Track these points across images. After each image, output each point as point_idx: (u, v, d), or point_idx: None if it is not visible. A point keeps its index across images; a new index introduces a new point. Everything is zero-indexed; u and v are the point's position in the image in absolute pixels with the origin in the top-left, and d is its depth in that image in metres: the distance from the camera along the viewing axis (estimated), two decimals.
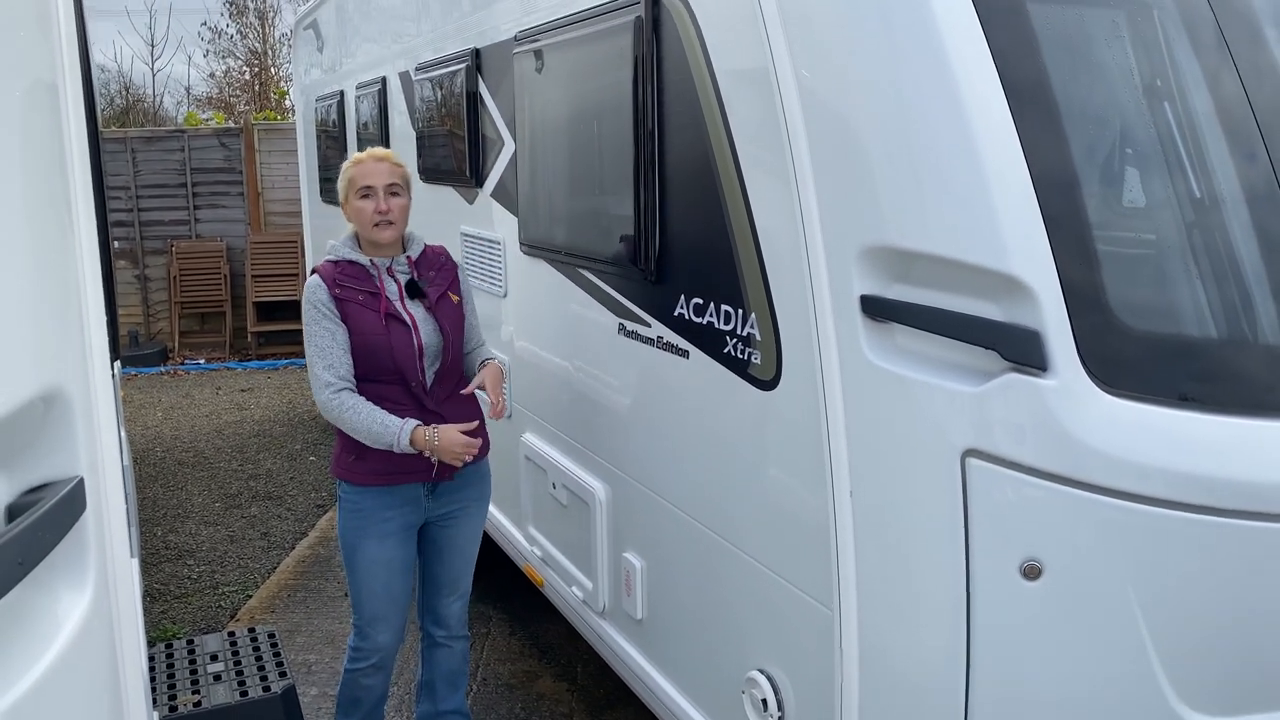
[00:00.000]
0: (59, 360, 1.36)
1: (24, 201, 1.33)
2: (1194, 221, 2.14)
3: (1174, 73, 2.21)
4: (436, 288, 3.26)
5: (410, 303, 3.21)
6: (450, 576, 3.46)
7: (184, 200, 11.69)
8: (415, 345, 3.16)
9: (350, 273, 3.19)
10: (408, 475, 3.20)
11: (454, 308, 3.29)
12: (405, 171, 3.28)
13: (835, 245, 2.19)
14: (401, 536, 3.29)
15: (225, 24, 20.42)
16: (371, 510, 3.24)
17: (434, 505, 3.31)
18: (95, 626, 1.40)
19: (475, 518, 3.44)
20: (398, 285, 3.22)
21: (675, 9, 2.73)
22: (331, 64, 7.53)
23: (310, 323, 3.14)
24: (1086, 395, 1.97)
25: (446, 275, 3.32)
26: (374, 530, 3.24)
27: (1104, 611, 2.03)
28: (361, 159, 3.24)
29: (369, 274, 3.19)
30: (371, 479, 3.21)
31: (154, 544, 6.05)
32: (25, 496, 1.29)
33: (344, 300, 3.14)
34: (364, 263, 3.20)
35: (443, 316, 3.22)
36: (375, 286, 3.18)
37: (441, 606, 3.49)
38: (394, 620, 3.34)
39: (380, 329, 3.12)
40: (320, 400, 3.12)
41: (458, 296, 3.32)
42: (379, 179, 3.18)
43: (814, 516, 2.34)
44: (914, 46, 2.08)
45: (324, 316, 3.12)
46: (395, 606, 3.33)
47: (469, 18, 4.39)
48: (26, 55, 1.40)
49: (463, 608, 3.54)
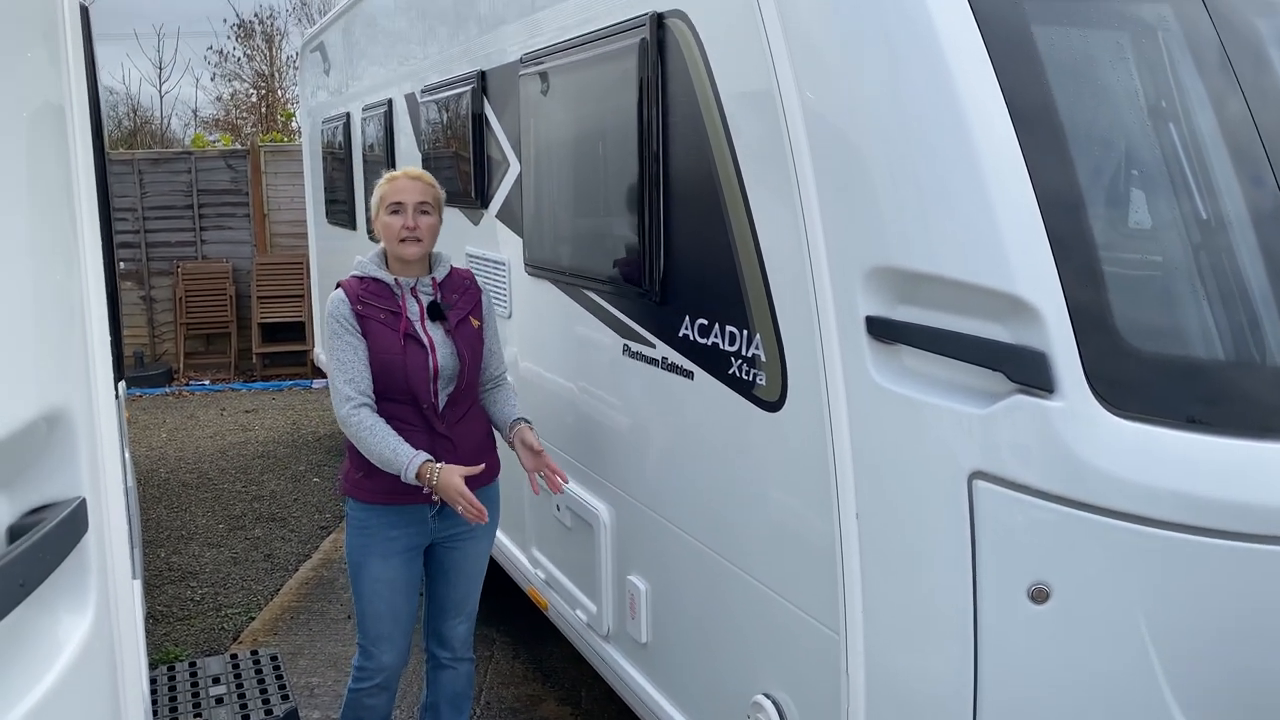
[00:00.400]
0: (62, 381, 1.36)
1: (29, 222, 1.34)
2: (1200, 243, 2.13)
3: (1179, 94, 2.21)
4: (458, 311, 3.27)
5: (430, 324, 3.21)
6: (456, 598, 3.45)
7: (190, 221, 11.73)
8: (430, 367, 3.16)
9: (374, 290, 3.20)
10: (414, 496, 3.19)
11: (474, 332, 3.29)
12: (439, 193, 3.30)
13: (840, 266, 2.19)
14: (407, 556, 3.28)
15: (233, 47, 20.57)
16: (377, 528, 3.24)
17: (440, 526, 3.30)
18: (96, 648, 1.39)
19: (482, 541, 3.42)
20: (420, 306, 3.22)
21: (680, 31, 2.74)
22: (338, 86, 7.57)
23: (332, 336, 3.15)
24: (1093, 417, 1.96)
25: (470, 299, 3.32)
26: (379, 549, 3.24)
27: (1112, 635, 2.01)
28: (396, 176, 3.27)
29: (392, 293, 3.21)
30: (378, 497, 3.21)
31: (157, 565, 6.03)
32: (27, 517, 1.28)
33: (365, 317, 3.15)
34: (388, 281, 3.21)
35: (461, 341, 3.22)
36: (397, 305, 3.19)
37: (447, 628, 3.48)
38: (398, 640, 3.33)
39: (397, 349, 3.13)
40: (339, 415, 3.14)
41: (478, 321, 3.32)
42: (410, 196, 3.20)
43: (820, 539, 2.33)
44: (918, 67, 2.08)
45: (346, 330, 3.13)
46: (399, 627, 3.32)
47: (475, 40, 4.41)
48: (34, 77, 1.41)
49: (468, 630, 3.52)
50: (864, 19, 2.17)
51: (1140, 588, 1.99)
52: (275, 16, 20.91)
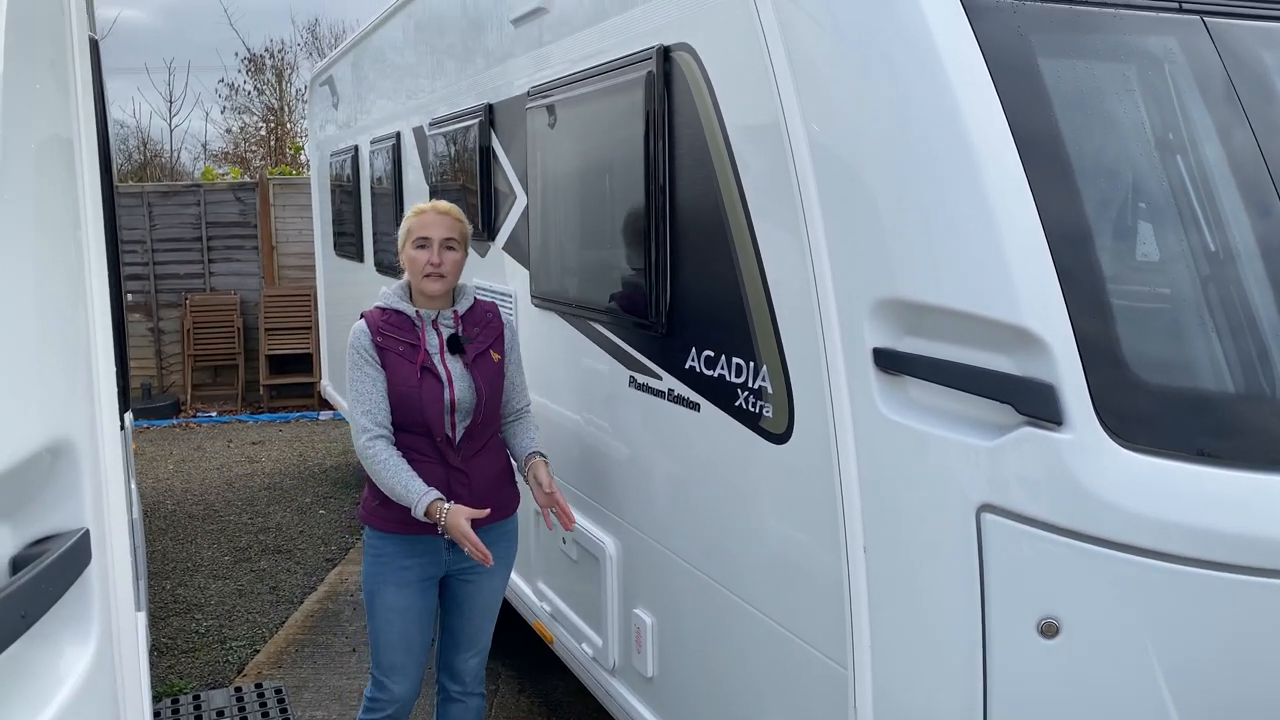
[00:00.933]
0: (66, 411, 1.36)
1: (35, 253, 1.34)
2: (1209, 274, 2.13)
3: (1186, 125, 2.22)
4: (478, 345, 3.27)
5: (450, 357, 3.22)
6: (469, 632, 3.43)
7: (199, 254, 11.78)
8: (445, 400, 3.16)
9: (395, 322, 3.23)
10: (429, 527, 3.18)
11: (493, 366, 3.28)
12: (466, 229, 3.31)
13: (847, 298, 2.18)
14: (420, 587, 3.28)
15: (243, 81, 20.74)
16: (392, 557, 3.25)
17: (454, 559, 3.30)
18: (98, 681, 1.38)
19: (497, 577, 3.40)
20: (440, 338, 3.23)
21: (686, 64, 2.75)
22: (346, 120, 7.62)
23: (353, 367, 3.19)
24: (1102, 450, 1.94)
25: (491, 333, 3.32)
26: (393, 578, 3.25)
27: (1123, 670, 1.99)
28: (424, 210, 3.27)
29: (413, 325, 3.23)
30: (394, 526, 3.22)
31: (163, 597, 6.01)
32: (30, 548, 1.28)
33: (384, 349, 3.18)
34: (409, 313, 3.23)
35: (479, 374, 3.22)
36: (416, 338, 3.20)
37: (458, 662, 3.46)
38: (411, 672, 3.32)
39: (414, 381, 3.15)
40: (356, 446, 3.17)
41: (499, 355, 3.32)
42: (437, 231, 3.21)
43: (827, 572, 2.31)
44: (925, 99, 2.09)
45: (365, 362, 3.17)
46: (412, 657, 3.31)
47: (483, 74, 4.44)
48: (43, 110, 1.41)
49: (479, 665, 3.51)
50: (870, 51, 2.18)
51: (1150, 622, 1.97)
52: (285, 50, 21.06)
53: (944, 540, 2.05)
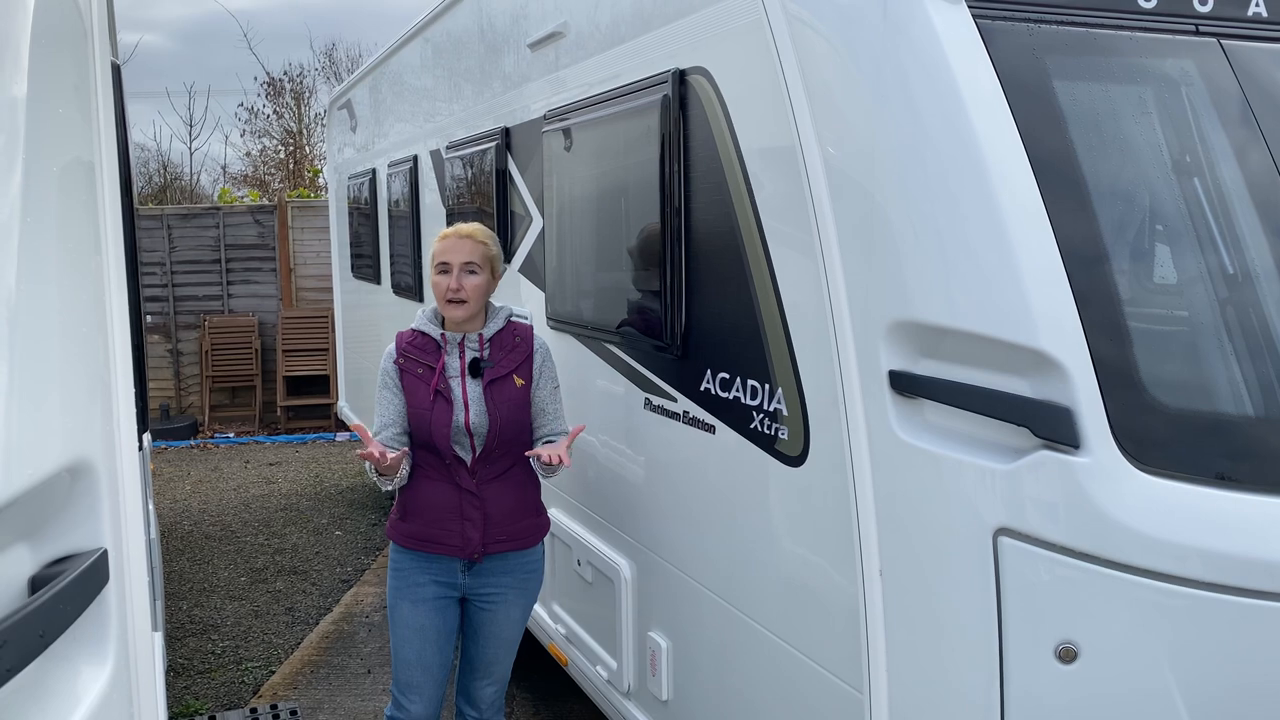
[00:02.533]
0: (86, 432, 1.37)
1: (58, 275, 1.35)
2: (1227, 297, 2.12)
3: (1203, 148, 2.21)
4: (500, 369, 3.23)
5: (471, 381, 3.21)
6: (485, 659, 3.40)
7: (218, 276, 11.85)
8: (456, 424, 3.16)
9: (419, 344, 3.26)
10: (441, 546, 3.21)
11: (514, 391, 3.23)
12: (491, 250, 3.25)
13: (862, 320, 2.18)
14: (437, 605, 3.27)
15: (262, 104, 20.91)
16: (409, 572, 3.28)
17: (471, 583, 3.29)
18: (115, 701, 1.38)
19: (515, 605, 3.35)
20: (462, 361, 3.24)
21: (702, 87, 2.76)
22: (364, 143, 7.67)
23: (377, 388, 3.28)
24: (1120, 473, 1.93)
25: (517, 357, 3.26)
26: (409, 593, 3.27)
27: (1142, 695, 1.97)
28: (448, 234, 3.27)
29: (437, 346, 3.25)
30: (410, 542, 3.26)
31: (179, 618, 6.02)
32: (49, 568, 1.28)
33: (405, 371, 3.23)
34: (434, 335, 3.25)
35: (495, 399, 3.19)
36: (435, 361, 3.22)
37: (475, 688, 3.45)
38: (428, 690, 3.30)
39: (426, 403, 3.17)
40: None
41: (524, 380, 3.26)
42: (457, 256, 3.19)
43: (843, 596, 2.30)
44: (940, 122, 2.09)
45: (384, 385, 3.25)
46: (429, 677, 3.29)
47: (499, 97, 4.47)
48: (66, 134, 1.43)
49: (497, 693, 3.48)
50: (885, 74, 2.19)
51: (1171, 647, 1.96)
52: (304, 74, 21.20)
53: (960, 564, 2.04)
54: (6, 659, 1.13)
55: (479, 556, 3.22)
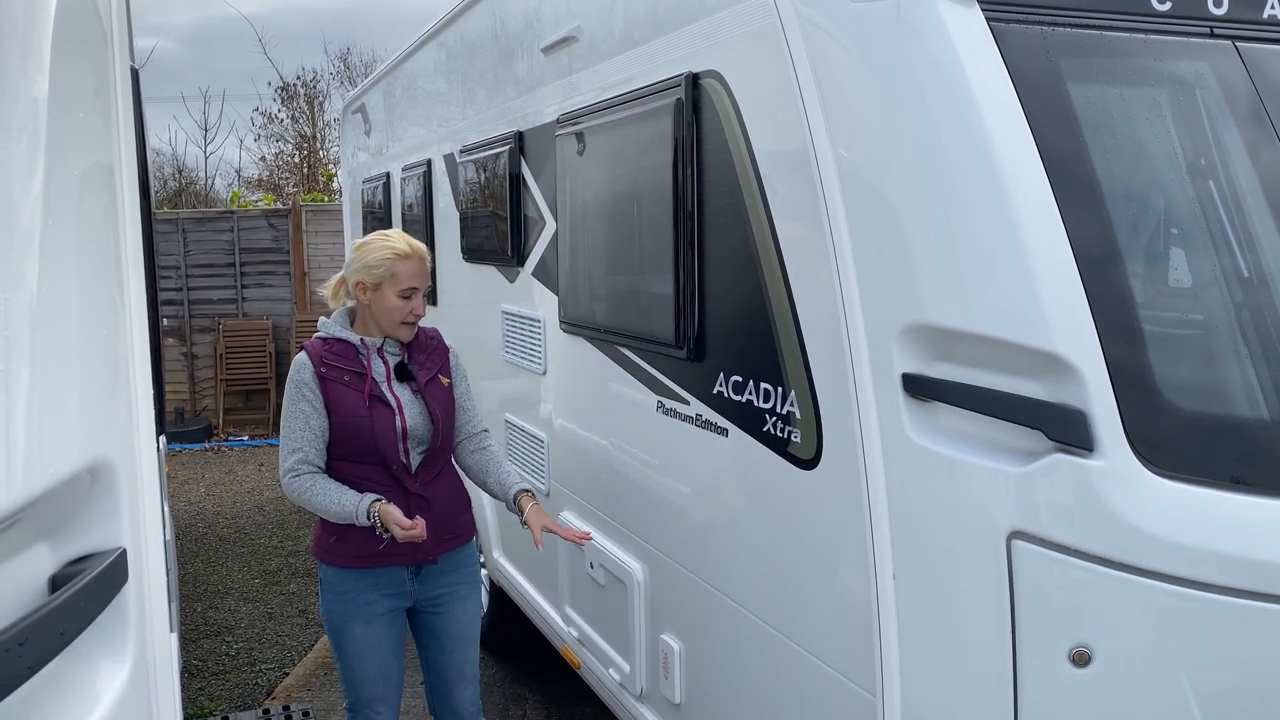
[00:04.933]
0: (106, 432, 1.38)
1: (79, 277, 1.36)
2: (1242, 300, 2.11)
3: (1217, 150, 2.21)
4: (426, 371, 3.23)
5: (398, 385, 3.18)
6: (455, 665, 3.36)
7: (232, 279, 11.90)
8: (398, 428, 3.13)
9: (338, 351, 3.16)
10: (389, 558, 3.14)
11: (444, 391, 3.25)
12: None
13: (876, 323, 2.19)
14: (389, 618, 3.23)
15: (276, 109, 21.00)
16: (354, 593, 3.18)
17: (420, 589, 3.26)
18: (133, 700, 1.40)
19: (469, 601, 3.35)
20: (386, 366, 3.19)
21: (715, 91, 2.77)
22: (378, 147, 7.70)
23: (288, 401, 3.14)
24: (1135, 477, 1.93)
25: (438, 358, 3.29)
26: (359, 614, 3.18)
27: (1156, 700, 1.97)
28: (408, 255, 3.17)
29: (357, 353, 3.17)
30: (353, 562, 3.16)
31: (194, 620, 6.04)
32: (69, 567, 1.30)
33: (328, 379, 3.11)
34: (354, 341, 3.17)
35: (432, 400, 3.19)
36: (362, 366, 3.15)
37: (453, 695, 3.39)
38: (392, 699, 3.28)
39: (363, 410, 3.09)
40: (283, 485, 3.13)
41: (448, 380, 3.29)
42: (422, 281, 3.18)
43: (856, 599, 2.30)
44: (954, 125, 2.09)
45: (301, 398, 3.11)
46: (391, 686, 3.27)
47: (512, 101, 4.48)
48: (87, 138, 1.44)
49: (474, 694, 3.43)
50: (898, 77, 2.19)
51: (1185, 652, 1.95)
52: (318, 79, 21.31)
53: (974, 567, 2.04)
54: (28, 656, 1.14)
55: (434, 559, 3.20)
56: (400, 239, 3.23)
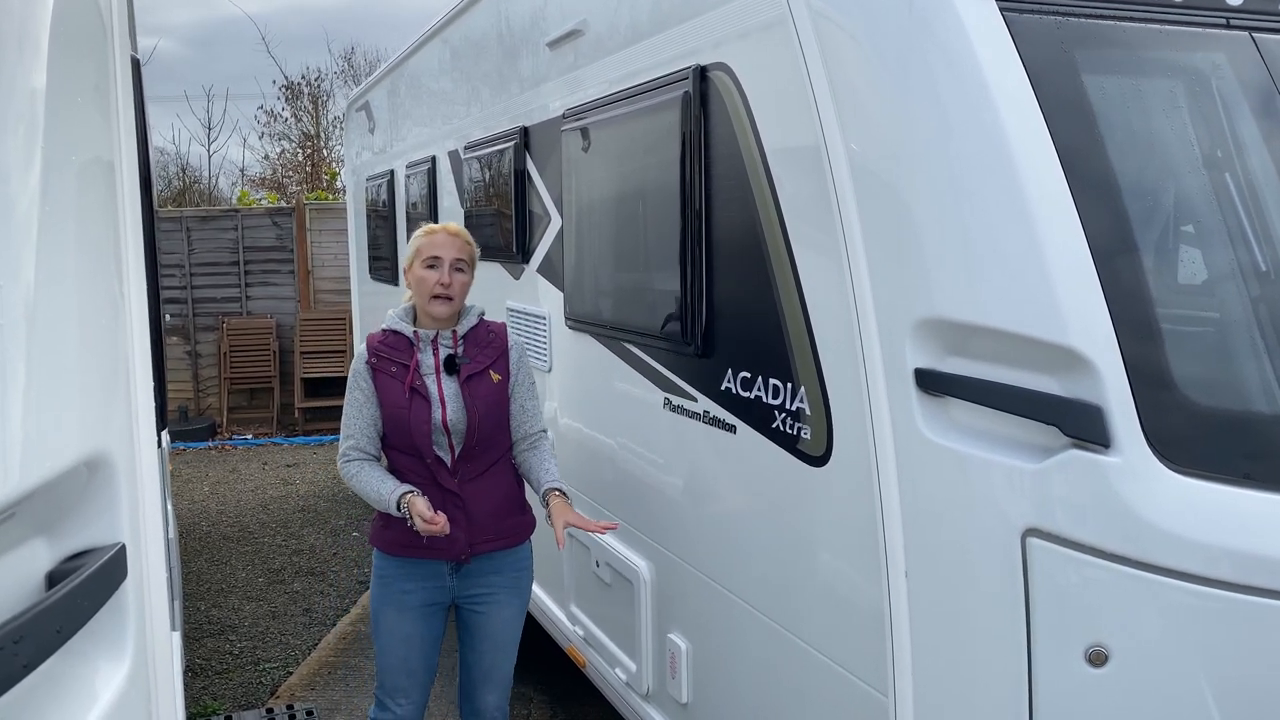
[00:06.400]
0: (105, 427, 1.35)
1: (77, 270, 1.34)
2: (1260, 295, 2.08)
3: (1234, 143, 2.18)
4: (476, 364, 3.20)
5: (446, 378, 3.18)
6: (483, 666, 3.34)
7: (236, 278, 11.89)
8: (434, 421, 3.12)
9: (391, 343, 3.22)
10: (428, 551, 3.15)
11: (491, 387, 3.20)
12: (475, 250, 3.29)
13: (888, 318, 2.15)
14: (422, 612, 3.23)
15: (280, 108, 20.99)
16: (394, 580, 3.24)
17: (459, 585, 3.25)
18: (132, 699, 1.37)
19: (508, 606, 3.31)
20: (437, 359, 3.19)
21: (723, 84, 2.74)
22: (382, 145, 7.68)
23: (346, 390, 3.24)
24: (1152, 473, 1.90)
25: (491, 353, 3.25)
26: (394, 601, 3.23)
27: (1173, 700, 1.94)
28: (434, 230, 3.26)
29: (410, 345, 3.20)
30: (395, 549, 3.22)
31: (197, 619, 6.03)
32: (66, 563, 1.27)
33: (378, 370, 3.18)
34: (407, 333, 3.21)
35: (473, 395, 3.16)
36: (409, 359, 3.17)
37: (478, 696, 3.38)
38: (414, 694, 3.29)
39: (402, 402, 3.13)
40: (339, 468, 3.23)
41: (500, 376, 3.24)
42: (448, 252, 3.19)
43: (867, 598, 2.27)
44: (967, 117, 2.06)
45: (356, 386, 3.20)
46: (414, 681, 3.27)
47: (517, 97, 4.46)
48: (86, 130, 1.42)
49: (500, 700, 3.40)
50: (911, 69, 2.16)
51: (1203, 651, 1.92)
52: (322, 78, 21.28)
53: (988, 565, 2.01)
54: (24, 654, 1.11)
55: (466, 557, 3.18)
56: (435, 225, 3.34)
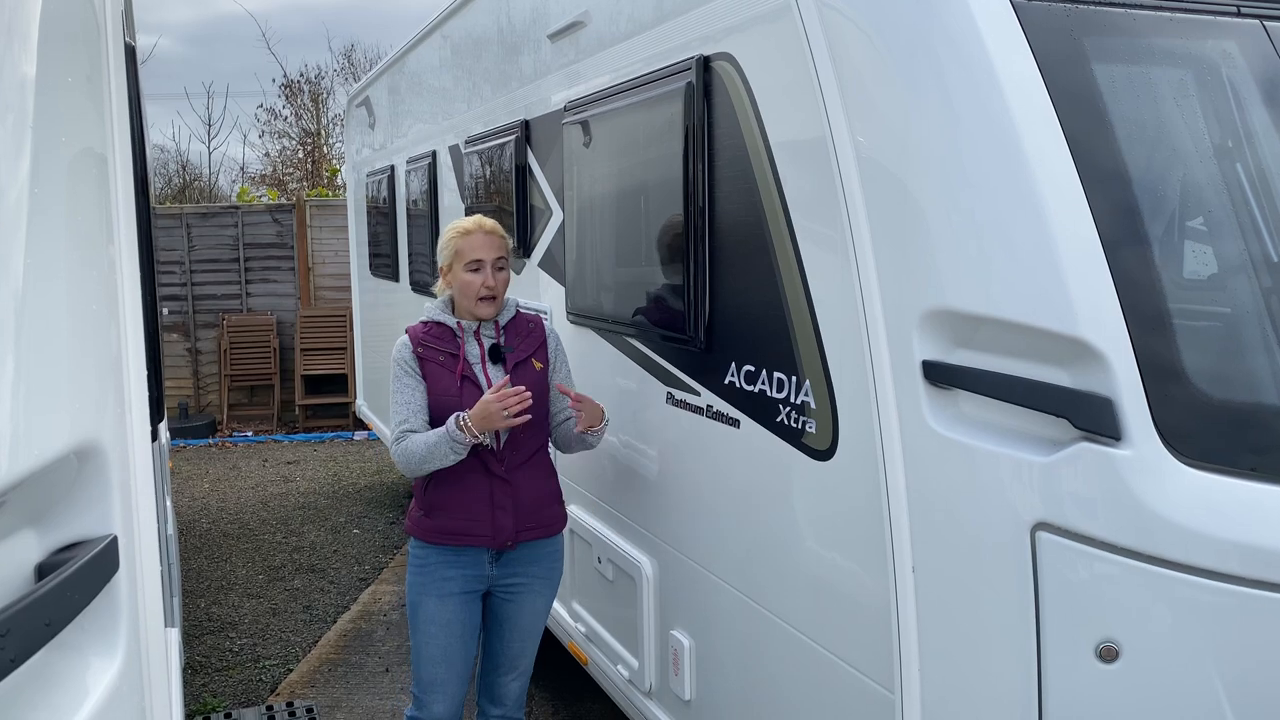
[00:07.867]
0: (96, 417, 1.32)
1: (67, 260, 1.32)
2: (1272, 286, 2.05)
3: (1246, 133, 2.14)
4: (519, 354, 3.27)
5: (492, 367, 3.23)
6: (510, 654, 3.38)
7: (236, 275, 11.86)
8: None
9: (436, 334, 3.25)
10: (472, 538, 3.18)
11: (536, 375, 3.27)
12: (510, 244, 3.31)
13: (895, 310, 2.12)
14: (463, 599, 3.25)
15: (280, 105, 20.95)
16: (435, 567, 3.23)
17: (498, 573, 3.27)
18: (125, 695, 1.34)
19: (539, 596, 3.36)
20: (481, 348, 3.24)
21: (727, 75, 2.71)
22: (382, 140, 7.65)
23: (393, 379, 3.22)
24: (1163, 466, 1.87)
25: (533, 341, 3.32)
26: (435, 588, 3.23)
27: (1186, 696, 1.91)
28: (470, 230, 3.24)
29: (454, 335, 3.24)
30: (437, 537, 3.22)
31: (197, 615, 6.00)
32: (56, 555, 1.24)
33: (425, 359, 3.20)
34: (451, 324, 3.25)
35: (520, 381, 3.19)
36: (456, 348, 3.22)
37: (500, 685, 3.42)
38: (451, 688, 3.27)
39: (454, 390, 3.16)
40: (392, 455, 3.19)
41: (542, 364, 3.31)
42: (489, 253, 3.20)
43: (873, 594, 2.24)
44: (975, 107, 2.03)
45: (405, 373, 3.20)
46: (454, 674, 3.27)
47: (518, 90, 4.43)
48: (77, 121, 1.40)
49: (521, 688, 3.45)
50: (919, 59, 2.13)
51: (1214, 645, 1.89)
52: (322, 76, 21.23)
53: (997, 560, 1.98)
54: (10, 648, 1.08)
55: (511, 544, 3.20)
56: (467, 219, 3.34)
